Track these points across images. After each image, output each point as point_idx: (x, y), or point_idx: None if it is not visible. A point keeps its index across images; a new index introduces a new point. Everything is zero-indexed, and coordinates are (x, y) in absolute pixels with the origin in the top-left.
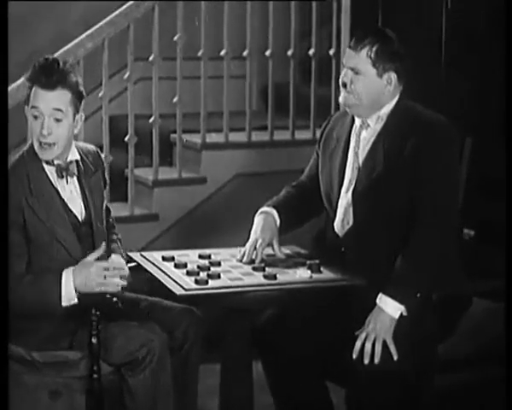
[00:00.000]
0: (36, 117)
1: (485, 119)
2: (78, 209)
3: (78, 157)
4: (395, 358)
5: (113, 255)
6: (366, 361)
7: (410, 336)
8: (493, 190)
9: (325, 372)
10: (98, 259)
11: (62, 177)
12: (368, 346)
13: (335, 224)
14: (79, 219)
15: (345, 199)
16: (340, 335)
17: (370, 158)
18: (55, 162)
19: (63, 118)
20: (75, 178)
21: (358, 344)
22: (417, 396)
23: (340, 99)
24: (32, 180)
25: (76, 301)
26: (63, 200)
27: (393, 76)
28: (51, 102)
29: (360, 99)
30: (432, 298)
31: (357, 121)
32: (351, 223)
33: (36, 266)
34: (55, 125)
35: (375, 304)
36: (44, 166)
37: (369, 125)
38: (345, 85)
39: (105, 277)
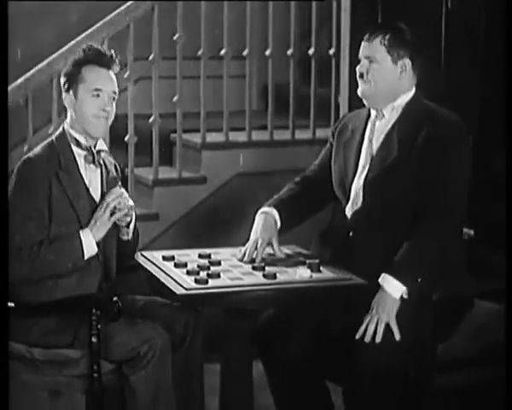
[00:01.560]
0: (98, 95)
1: (485, 118)
2: (96, 195)
3: (106, 148)
4: (397, 338)
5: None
6: (367, 340)
7: (410, 336)
8: (493, 189)
9: (325, 372)
10: None
11: (92, 162)
12: (371, 327)
13: (347, 208)
14: (97, 202)
15: (357, 184)
16: (340, 334)
17: (384, 146)
18: (88, 146)
19: (115, 98)
20: (98, 171)
21: (363, 327)
22: (417, 396)
23: (358, 91)
24: (62, 159)
25: (96, 249)
26: (85, 182)
27: (408, 63)
28: (111, 82)
29: (376, 87)
30: (432, 298)
31: (373, 113)
32: (359, 205)
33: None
34: (111, 102)
35: None
36: (74, 149)
37: (383, 116)
38: (362, 76)
39: (112, 209)
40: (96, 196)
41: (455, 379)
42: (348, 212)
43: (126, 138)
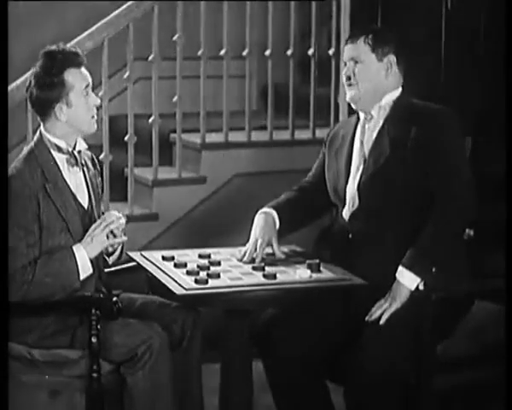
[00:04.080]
0: (87, 93)
1: (485, 119)
2: (82, 198)
3: (86, 146)
4: (381, 321)
5: (106, 212)
6: (368, 319)
7: (410, 336)
8: (493, 189)
9: (325, 372)
10: None
11: (75, 165)
12: (379, 310)
13: (344, 211)
14: (84, 207)
15: (352, 186)
16: (340, 334)
17: (376, 146)
18: (70, 150)
19: None
20: (81, 171)
21: (377, 311)
22: (417, 396)
23: (347, 97)
24: (45, 169)
25: (92, 271)
26: (70, 189)
27: (393, 59)
28: (89, 78)
29: (364, 87)
30: (432, 298)
31: (362, 116)
32: (356, 207)
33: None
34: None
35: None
36: (54, 155)
37: (372, 117)
38: (349, 78)
39: (108, 233)
40: (84, 200)
41: (455, 379)
42: (346, 215)
43: (126, 138)
